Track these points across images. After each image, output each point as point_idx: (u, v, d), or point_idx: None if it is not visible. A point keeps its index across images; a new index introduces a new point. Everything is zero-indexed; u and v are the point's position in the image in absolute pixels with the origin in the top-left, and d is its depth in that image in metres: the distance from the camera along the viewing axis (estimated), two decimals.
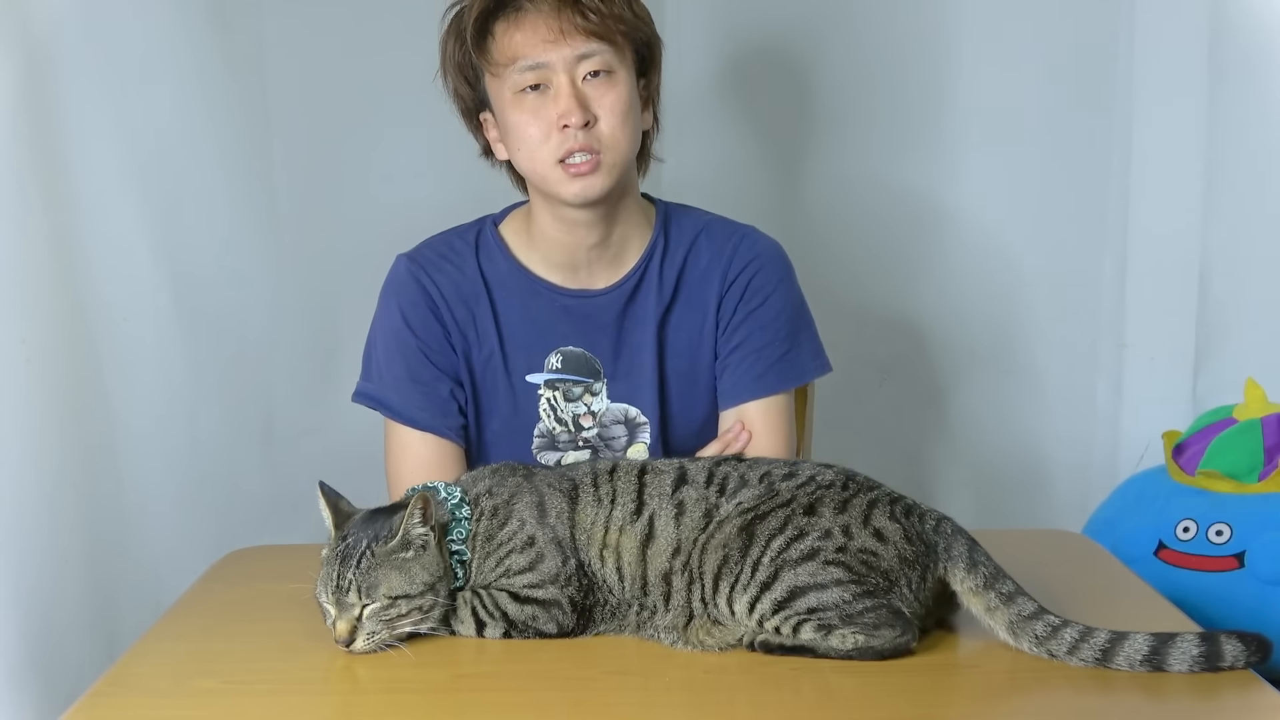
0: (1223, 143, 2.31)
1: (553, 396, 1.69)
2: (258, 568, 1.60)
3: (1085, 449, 2.46)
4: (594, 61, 1.58)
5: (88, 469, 1.86)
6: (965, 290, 2.44)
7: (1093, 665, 1.23)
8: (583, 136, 1.57)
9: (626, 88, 1.61)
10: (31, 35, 1.77)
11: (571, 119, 1.56)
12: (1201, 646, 1.23)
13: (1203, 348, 2.38)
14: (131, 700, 1.23)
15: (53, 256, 1.80)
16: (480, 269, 1.69)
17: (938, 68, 2.37)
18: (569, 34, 1.57)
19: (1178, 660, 1.23)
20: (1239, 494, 1.98)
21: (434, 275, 1.68)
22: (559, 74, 1.57)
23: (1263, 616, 1.90)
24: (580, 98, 1.57)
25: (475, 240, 1.71)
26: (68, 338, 1.83)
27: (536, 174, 1.61)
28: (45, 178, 1.78)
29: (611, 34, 1.58)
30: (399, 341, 1.68)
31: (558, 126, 1.57)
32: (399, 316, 1.68)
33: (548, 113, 1.58)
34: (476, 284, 1.69)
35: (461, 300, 1.68)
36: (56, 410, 1.78)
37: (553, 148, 1.58)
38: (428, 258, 1.70)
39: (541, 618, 1.33)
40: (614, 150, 1.60)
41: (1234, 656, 1.23)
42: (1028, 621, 1.26)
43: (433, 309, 1.67)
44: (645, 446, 1.70)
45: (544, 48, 1.57)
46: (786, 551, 1.28)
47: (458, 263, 1.69)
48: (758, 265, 1.71)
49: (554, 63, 1.57)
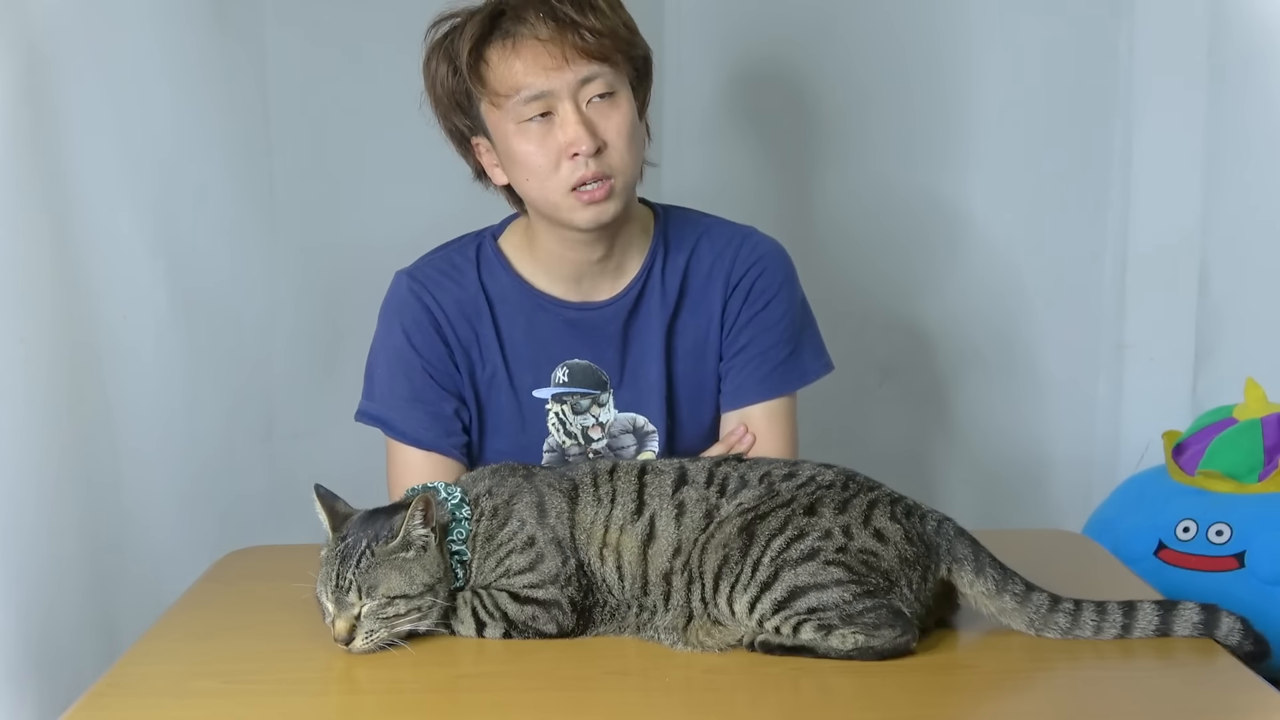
0: (1223, 143, 2.30)
1: (561, 410, 1.68)
2: (258, 568, 1.60)
3: (1085, 449, 2.46)
4: (597, 85, 1.56)
5: (87, 469, 1.85)
6: (965, 290, 2.43)
7: (1114, 639, 1.29)
8: (594, 164, 1.55)
9: (629, 107, 1.59)
10: (31, 35, 1.76)
11: (582, 147, 1.54)
12: (1201, 615, 1.30)
13: (1203, 348, 2.38)
14: (131, 700, 1.23)
15: (52, 256, 1.80)
16: (482, 285, 1.68)
17: (936, 68, 2.37)
18: (571, 59, 1.54)
19: (1181, 625, 1.30)
20: (1239, 494, 1.98)
21: (436, 293, 1.66)
22: (564, 101, 1.55)
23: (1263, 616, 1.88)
24: (588, 124, 1.55)
25: (476, 256, 1.69)
26: (67, 338, 1.82)
27: (548, 202, 1.59)
28: (45, 177, 1.78)
29: (611, 54, 1.56)
30: (402, 361, 1.66)
31: (567, 155, 1.55)
32: (402, 336, 1.66)
33: (554, 140, 1.55)
34: (479, 301, 1.67)
35: (464, 318, 1.66)
36: (56, 410, 1.78)
37: (564, 176, 1.56)
38: (429, 275, 1.68)
39: (541, 618, 1.33)
40: (624, 174, 1.58)
41: (1229, 629, 1.29)
42: (1048, 616, 1.29)
43: (436, 328, 1.66)
44: (654, 455, 1.69)
45: (547, 76, 1.54)
46: (787, 551, 1.28)
47: (459, 279, 1.68)
48: (761, 267, 1.70)
49: (558, 90, 1.55)
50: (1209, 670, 1.27)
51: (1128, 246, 2.36)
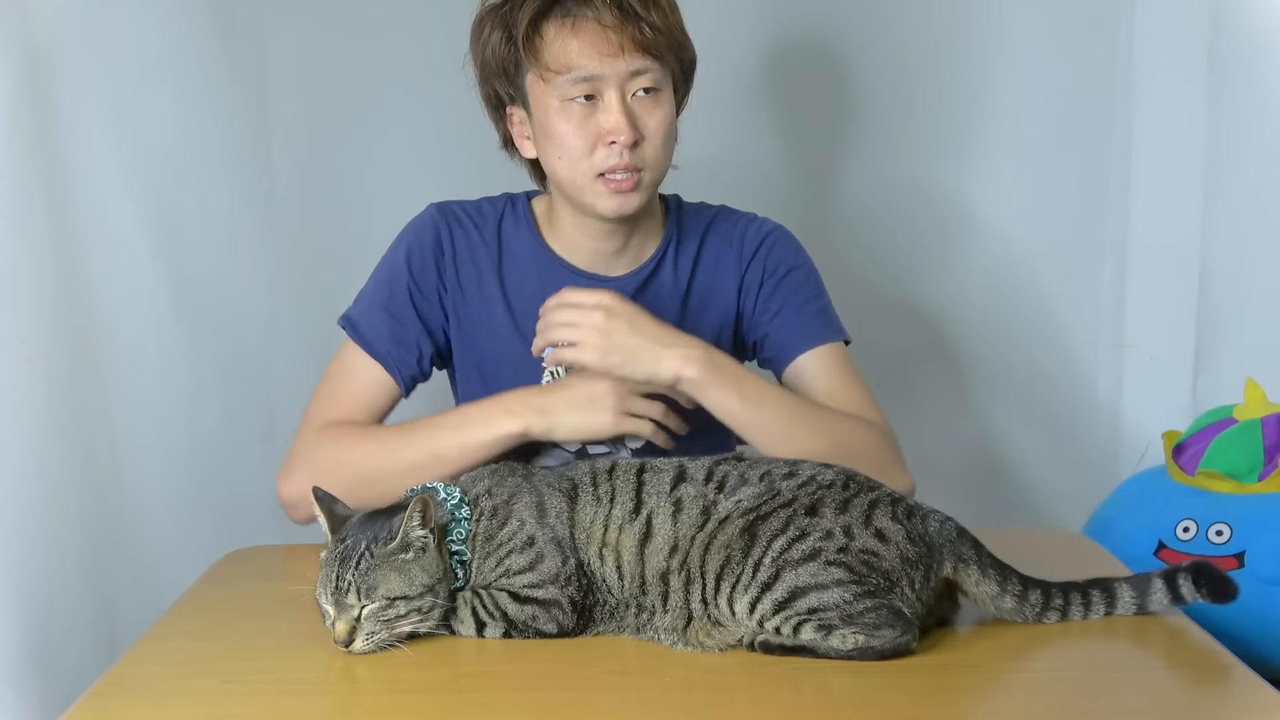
0: (1223, 143, 2.31)
1: (555, 372, 1.69)
2: (258, 568, 1.60)
3: (1085, 449, 2.46)
4: (646, 79, 1.59)
5: (88, 469, 1.85)
6: (965, 290, 2.44)
7: (1103, 617, 1.33)
8: (628, 155, 1.58)
9: (670, 107, 1.62)
10: (31, 35, 1.76)
11: (621, 137, 1.57)
12: (1166, 587, 1.33)
13: (1203, 348, 2.38)
14: (131, 700, 1.23)
15: (53, 257, 1.80)
16: (500, 237, 1.71)
17: (936, 68, 2.37)
18: (627, 49, 1.56)
19: (1155, 603, 1.33)
20: (1239, 494, 1.98)
21: (453, 229, 1.71)
22: (611, 89, 1.57)
23: (1263, 616, 1.90)
24: (630, 115, 1.58)
25: (503, 209, 1.74)
26: (68, 338, 1.82)
27: (574, 184, 1.62)
28: (45, 178, 1.78)
29: (664, 51, 1.59)
30: (392, 274, 1.71)
31: (604, 141, 1.58)
32: (404, 253, 1.71)
33: (594, 125, 1.58)
34: (493, 248, 1.71)
35: (472, 262, 1.70)
36: (57, 410, 1.78)
37: (596, 162, 1.59)
38: (453, 212, 1.73)
39: (541, 618, 1.33)
40: (654, 169, 1.62)
41: (1189, 593, 1.32)
42: (1046, 610, 1.32)
43: (437, 259, 1.70)
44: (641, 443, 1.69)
45: (601, 60, 1.56)
46: (788, 552, 1.28)
47: (480, 225, 1.72)
48: (771, 241, 1.75)
49: (608, 76, 1.57)
50: (1209, 670, 1.27)
51: (1128, 246, 2.37)
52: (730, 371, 1.56)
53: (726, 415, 1.57)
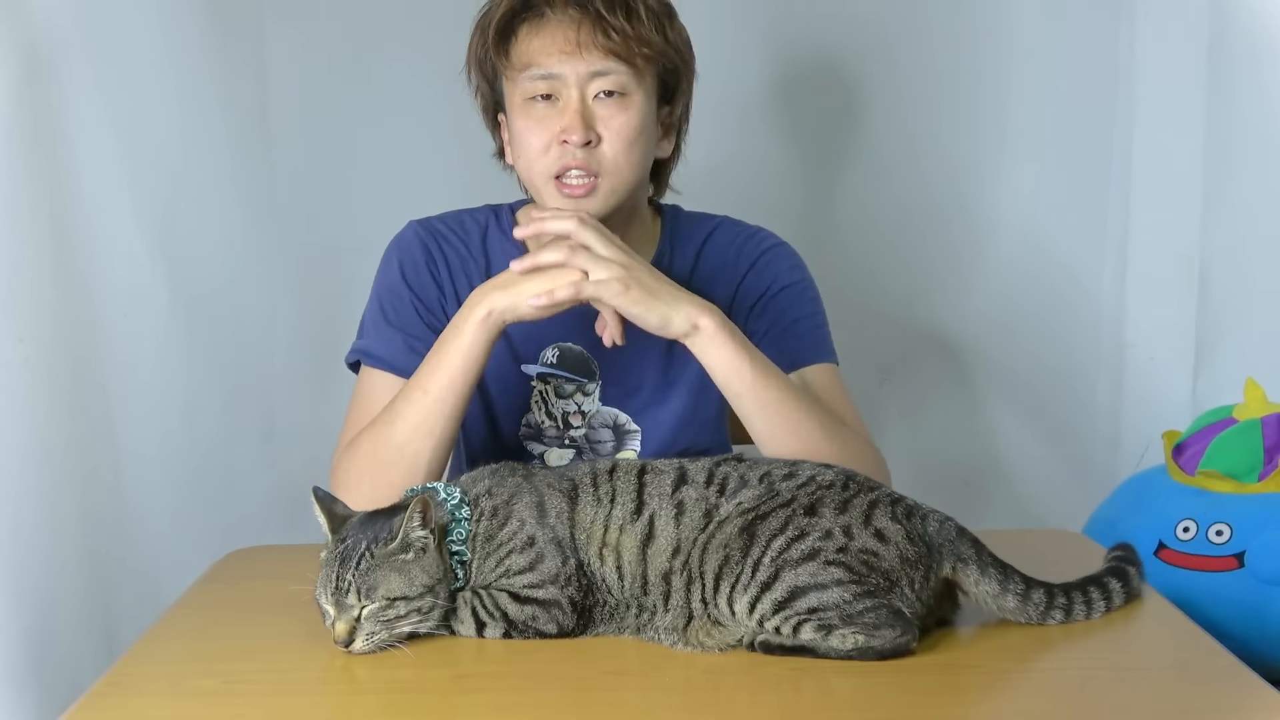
0: (1222, 143, 2.31)
1: (544, 390, 1.68)
2: (258, 568, 1.60)
3: (1085, 449, 2.46)
4: (608, 81, 1.56)
5: (87, 468, 1.86)
6: (965, 290, 2.44)
7: (1104, 614, 1.35)
8: (581, 155, 1.55)
9: (640, 112, 1.58)
10: (31, 35, 1.77)
11: (572, 136, 1.54)
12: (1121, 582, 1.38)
13: (1203, 348, 2.38)
14: (131, 700, 1.23)
15: (52, 256, 1.80)
16: (485, 249, 1.69)
17: (935, 70, 2.37)
18: (586, 49, 1.54)
19: (1134, 585, 1.40)
20: (1239, 494, 1.98)
21: (440, 242, 1.69)
22: (569, 88, 1.56)
23: (1263, 616, 1.90)
24: (586, 115, 1.55)
25: (486, 222, 1.72)
26: (67, 337, 1.83)
27: (532, 185, 1.61)
28: (45, 177, 1.78)
29: (632, 56, 1.56)
30: (392, 294, 1.67)
31: (558, 140, 1.55)
32: (397, 271, 1.68)
33: (552, 125, 1.56)
34: (480, 260, 1.69)
35: (464, 274, 1.68)
36: (56, 409, 1.78)
37: (550, 161, 1.56)
38: (436, 227, 1.71)
39: (541, 618, 1.33)
40: (614, 175, 1.57)
41: (1130, 590, 1.38)
42: (1049, 610, 1.32)
43: (431, 269, 1.67)
44: (635, 454, 1.68)
45: (559, 59, 1.55)
46: (787, 552, 1.28)
47: (464, 238, 1.70)
48: (770, 257, 1.71)
49: (566, 75, 1.55)
50: (1209, 670, 1.27)
51: (1128, 246, 2.37)
52: (742, 337, 1.52)
53: (735, 378, 1.50)
